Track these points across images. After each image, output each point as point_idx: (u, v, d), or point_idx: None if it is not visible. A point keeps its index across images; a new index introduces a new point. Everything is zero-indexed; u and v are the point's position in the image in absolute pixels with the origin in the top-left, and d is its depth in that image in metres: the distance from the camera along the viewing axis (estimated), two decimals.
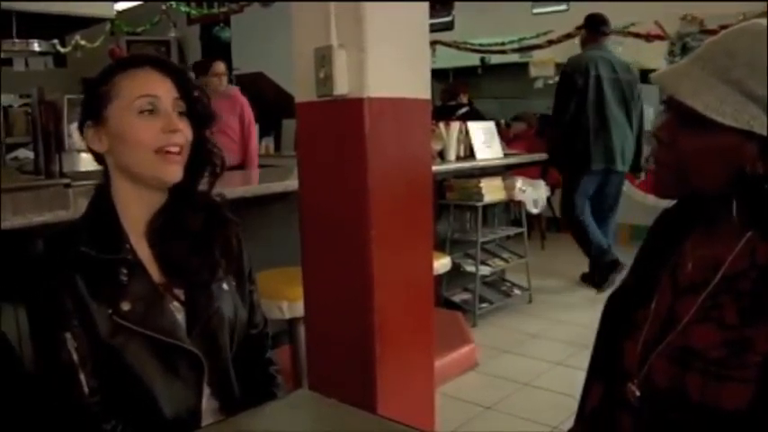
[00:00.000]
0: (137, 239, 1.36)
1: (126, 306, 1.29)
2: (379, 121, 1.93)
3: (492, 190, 4.49)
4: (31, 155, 4.56)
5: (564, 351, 3.71)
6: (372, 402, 1.97)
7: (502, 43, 8.98)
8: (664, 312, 1.08)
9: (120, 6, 7.44)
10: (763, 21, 0.99)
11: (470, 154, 4.57)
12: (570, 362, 3.57)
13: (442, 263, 3.31)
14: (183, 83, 1.39)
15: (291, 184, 2.81)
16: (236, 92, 5.48)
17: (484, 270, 4.61)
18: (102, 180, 1.41)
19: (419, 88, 2.07)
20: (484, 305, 4.52)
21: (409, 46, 2.03)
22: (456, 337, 3.77)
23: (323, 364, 2.16)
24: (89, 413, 1.28)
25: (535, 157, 5.48)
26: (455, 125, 4.48)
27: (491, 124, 4.95)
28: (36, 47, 5.45)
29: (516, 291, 4.89)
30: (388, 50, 1.94)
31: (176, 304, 1.37)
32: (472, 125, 4.67)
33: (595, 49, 5.08)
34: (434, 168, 2.70)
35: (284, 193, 2.93)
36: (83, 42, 7.37)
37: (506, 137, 6.78)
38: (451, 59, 9.03)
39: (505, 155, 4.89)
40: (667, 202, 1.16)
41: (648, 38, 7.32)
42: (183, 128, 1.35)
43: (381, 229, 1.96)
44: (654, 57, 7.58)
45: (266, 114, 8.07)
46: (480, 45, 9.03)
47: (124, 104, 1.32)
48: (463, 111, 6.83)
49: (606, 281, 4.88)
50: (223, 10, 9.10)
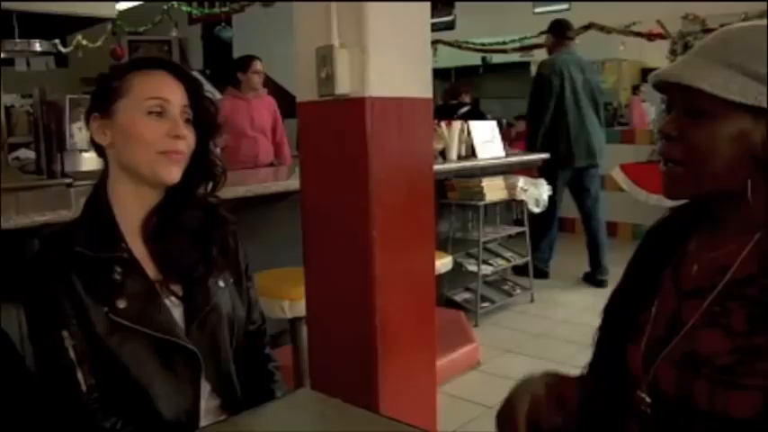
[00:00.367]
0: (132, 237, 1.37)
1: (122, 304, 1.30)
2: (381, 121, 1.93)
3: (493, 189, 4.48)
4: (32, 155, 4.57)
5: (566, 351, 3.70)
6: (374, 402, 1.97)
7: (503, 42, 8.97)
8: (667, 315, 1.07)
9: (122, 6, 7.45)
10: (758, 20, 0.99)
11: (472, 153, 4.57)
12: (572, 361, 3.56)
13: (443, 262, 3.31)
14: (195, 91, 1.40)
15: (293, 183, 2.81)
16: (265, 92, 5.51)
17: (485, 269, 4.61)
18: (101, 175, 1.42)
19: (421, 88, 2.07)
20: (485, 304, 4.52)
21: (411, 45, 2.02)
22: (458, 337, 3.76)
23: (325, 363, 2.16)
24: (88, 411, 1.28)
25: (537, 156, 5.48)
26: (456, 124, 4.48)
27: (493, 123, 4.95)
28: (38, 47, 5.46)
29: (518, 290, 4.89)
30: (389, 50, 1.94)
31: (174, 300, 1.38)
32: (474, 124, 4.67)
33: (564, 53, 5.34)
34: (436, 168, 2.70)
35: (286, 192, 2.93)
36: (84, 42, 7.37)
37: (508, 136, 6.78)
38: (453, 59, 9.03)
39: (507, 154, 4.88)
40: (671, 201, 1.15)
41: (650, 37, 7.31)
42: (188, 135, 1.36)
43: (383, 229, 1.96)
44: (656, 56, 7.57)
45: None
46: (482, 44, 9.02)
47: (134, 102, 1.34)
48: (464, 110, 6.82)
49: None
50: (224, 10, 9.10)
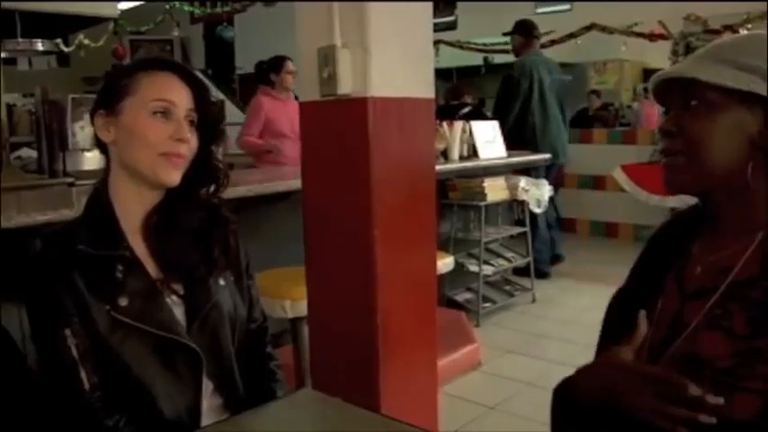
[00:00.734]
0: (133, 236, 1.37)
1: (123, 302, 1.30)
2: (383, 121, 1.93)
3: (495, 189, 4.48)
4: (34, 154, 4.56)
5: (567, 351, 3.69)
6: (376, 402, 1.97)
7: (505, 43, 8.95)
8: (670, 317, 1.07)
9: (124, 6, 7.46)
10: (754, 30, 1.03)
11: (473, 153, 4.56)
12: (573, 361, 3.54)
13: (445, 262, 3.31)
14: (201, 95, 1.41)
15: (294, 183, 2.81)
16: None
17: (487, 270, 4.60)
18: (102, 173, 1.42)
19: (423, 88, 2.06)
20: (487, 305, 4.52)
21: (413, 45, 2.02)
22: (459, 337, 3.76)
23: (326, 363, 2.16)
24: (91, 409, 1.29)
25: (539, 156, 5.48)
26: (458, 125, 4.48)
27: (494, 124, 4.94)
28: (40, 46, 5.46)
29: (519, 291, 4.89)
30: (391, 50, 1.94)
31: (175, 298, 1.38)
32: (475, 125, 4.67)
33: (533, 54, 5.49)
34: (437, 168, 2.70)
35: (287, 192, 2.93)
36: (86, 42, 7.38)
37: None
38: (455, 59, 9.04)
39: (509, 154, 4.88)
40: (672, 201, 1.16)
41: (652, 37, 7.31)
42: (191, 139, 1.37)
43: (385, 229, 1.96)
44: (657, 56, 7.57)
45: None
46: (483, 45, 9.03)
47: (140, 102, 1.34)
48: (466, 110, 6.82)
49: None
50: (226, 9, 9.11)
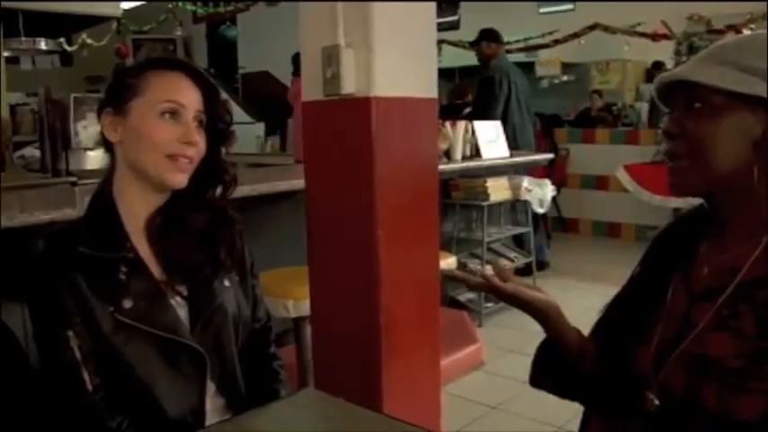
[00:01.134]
0: (137, 237, 1.37)
1: (127, 303, 1.30)
2: (386, 121, 1.93)
3: (498, 189, 4.48)
4: (37, 153, 4.56)
5: None
6: (378, 401, 1.97)
7: (508, 43, 8.95)
8: (678, 317, 1.07)
9: (127, 5, 7.45)
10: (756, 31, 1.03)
11: (476, 153, 4.56)
12: None
13: (447, 262, 3.31)
14: (211, 96, 1.39)
15: (297, 182, 2.80)
16: None
17: (489, 270, 4.59)
18: (107, 172, 1.41)
19: (426, 87, 2.06)
20: (489, 304, 4.51)
21: (416, 45, 2.02)
22: (462, 337, 3.76)
23: (329, 362, 2.15)
24: (94, 410, 1.29)
25: (542, 156, 5.49)
26: (461, 124, 4.47)
27: (497, 123, 4.94)
28: (43, 45, 5.47)
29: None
30: (395, 50, 1.94)
31: (179, 300, 1.37)
32: (478, 124, 4.66)
33: (502, 59, 5.68)
34: (440, 168, 2.70)
35: (290, 191, 2.93)
36: (89, 41, 7.38)
37: None
38: (457, 59, 9.02)
39: (511, 154, 4.88)
40: (675, 202, 1.16)
41: (655, 37, 7.30)
42: (199, 141, 1.36)
43: (388, 229, 1.95)
44: (660, 56, 7.56)
45: (272, 113, 8.09)
46: None
47: (149, 103, 1.33)
48: (469, 110, 6.83)
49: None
50: (229, 9, 9.12)
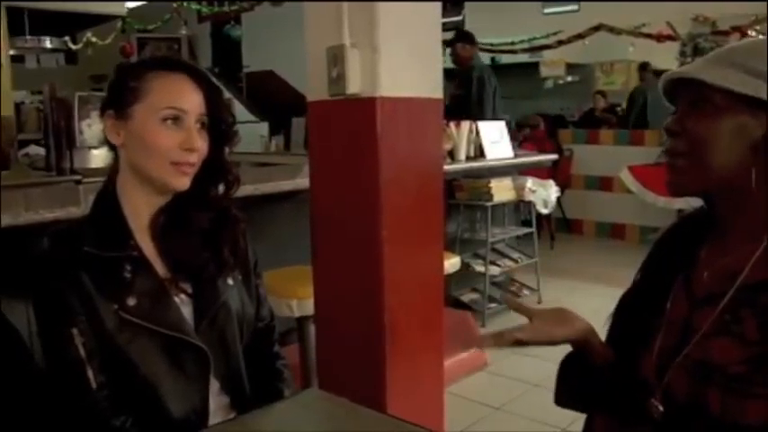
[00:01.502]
0: (141, 235, 1.37)
1: (132, 301, 1.30)
2: (391, 121, 1.93)
3: (502, 190, 4.47)
4: (42, 151, 4.57)
5: None
6: (382, 402, 1.97)
7: (512, 43, 8.97)
8: (679, 322, 1.07)
9: (132, 4, 7.47)
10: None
11: (480, 154, 4.55)
12: None
13: (451, 262, 3.30)
14: (213, 97, 1.38)
15: (301, 182, 2.80)
16: None
17: (493, 270, 4.60)
18: (110, 171, 1.41)
19: (431, 88, 2.06)
20: (493, 305, 4.51)
21: (421, 45, 2.02)
22: (465, 337, 3.76)
23: (333, 362, 2.15)
24: (98, 408, 1.29)
25: (546, 156, 5.49)
26: (465, 124, 4.46)
27: (501, 124, 4.93)
28: (48, 44, 5.49)
29: (525, 291, 4.88)
30: (400, 50, 1.94)
31: (183, 297, 1.37)
32: (483, 125, 4.65)
33: (478, 59, 5.73)
34: (445, 168, 2.69)
35: (294, 191, 2.93)
36: (94, 39, 7.41)
37: (517, 138, 6.79)
38: None
39: (515, 155, 4.87)
40: (679, 203, 1.16)
41: (659, 38, 7.29)
42: (202, 144, 1.35)
43: (392, 229, 1.95)
44: (665, 57, 7.55)
45: (276, 112, 8.08)
46: (491, 45, 9.01)
47: (151, 109, 1.32)
48: None
49: None
50: (234, 8, 9.12)
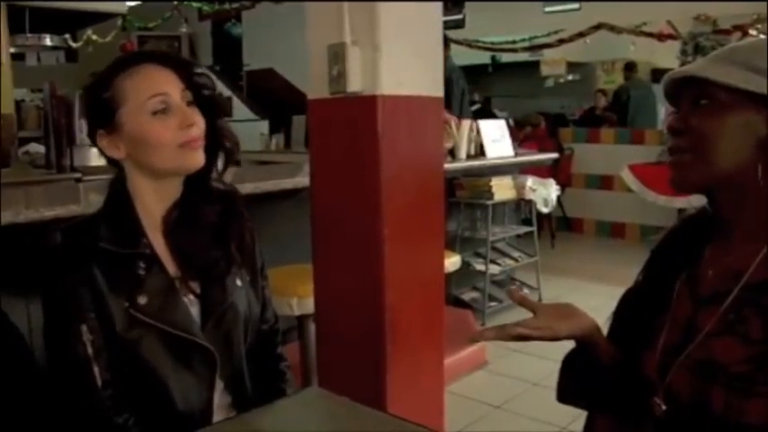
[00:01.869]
0: (153, 233, 1.36)
1: (143, 300, 1.30)
2: (392, 119, 1.93)
3: (502, 189, 4.47)
4: (42, 149, 4.57)
5: None
6: (382, 400, 1.97)
7: (513, 42, 8.96)
8: (683, 321, 1.07)
9: (132, 2, 7.46)
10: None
11: (481, 152, 4.55)
12: None
13: (451, 261, 3.31)
14: (187, 72, 1.37)
15: (302, 180, 2.80)
16: None
17: (493, 269, 4.60)
18: (117, 174, 1.40)
19: (432, 86, 2.06)
20: (493, 304, 4.51)
21: (422, 44, 2.02)
22: (465, 336, 3.75)
23: (333, 361, 2.15)
24: (102, 406, 1.28)
25: (546, 155, 5.49)
26: (466, 123, 4.46)
27: (502, 122, 4.93)
28: (48, 41, 5.48)
29: (525, 290, 4.87)
30: (401, 48, 1.94)
31: (192, 297, 1.37)
32: (483, 123, 4.65)
33: (450, 60, 5.76)
34: (445, 166, 2.69)
35: (294, 189, 2.93)
36: (94, 37, 7.40)
37: (517, 137, 6.80)
38: (462, 57, 9.01)
39: (516, 153, 4.86)
40: (680, 202, 1.16)
41: (661, 37, 7.29)
42: (197, 118, 1.34)
43: (393, 227, 1.95)
44: (666, 56, 7.55)
45: (277, 110, 8.09)
46: (491, 43, 9.02)
47: (135, 108, 1.31)
48: (475, 108, 6.85)
49: None
50: (234, 6, 9.11)
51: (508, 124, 5.07)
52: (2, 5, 4.90)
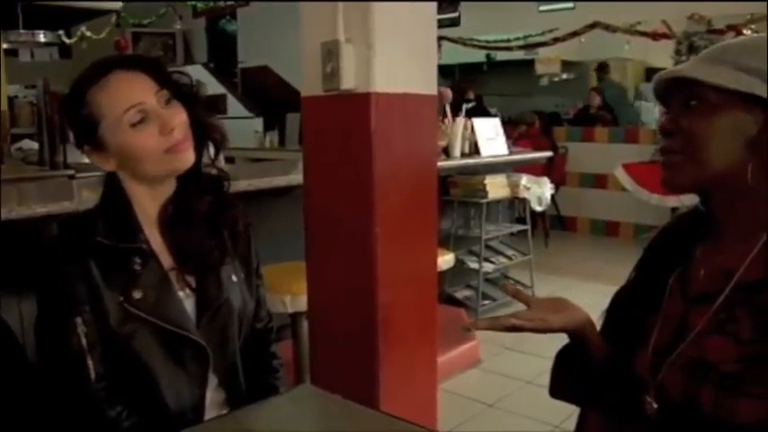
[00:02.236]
0: (149, 228, 1.37)
1: (137, 294, 1.30)
2: (386, 117, 1.92)
3: (496, 187, 4.47)
4: (35, 146, 4.56)
5: None
6: (375, 398, 1.97)
7: (508, 40, 8.96)
8: (674, 320, 1.07)
9: None
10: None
11: (475, 150, 4.54)
12: None
13: (445, 259, 3.30)
14: (158, 71, 1.35)
15: (296, 178, 2.80)
16: None
17: (487, 267, 4.60)
18: (112, 174, 1.40)
19: (426, 84, 2.05)
20: (486, 302, 4.52)
21: (416, 41, 2.01)
22: (458, 334, 3.76)
23: (326, 359, 2.15)
24: (95, 399, 1.29)
25: (540, 154, 5.50)
26: (460, 121, 4.46)
27: (496, 121, 4.92)
28: (42, 38, 5.46)
29: (519, 288, 4.88)
30: (395, 46, 1.93)
31: (187, 292, 1.38)
32: (477, 121, 4.64)
33: None
34: (439, 164, 2.69)
35: (288, 187, 2.92)
36: (88, 34, 7.37)
37: (512, 135, 6.80)
38: (457, 56, 9.03)
39: (510, 152, 4.86)
40: (673, 201, 1.16)
41: (655, 37, 7.30)
42: (177, 115, 1.32)
43: (386, 225, 1.95)
44: (660, 56, 7.57)
45: (270, 108, 8.07)
46: (486, 42, 9.02)
47: (113, 123, 1.29)
48: (469, 106, 6.85)
49: None
50: (229, 3, 9.10)
51: (503, 122, 5.07)
52: None
